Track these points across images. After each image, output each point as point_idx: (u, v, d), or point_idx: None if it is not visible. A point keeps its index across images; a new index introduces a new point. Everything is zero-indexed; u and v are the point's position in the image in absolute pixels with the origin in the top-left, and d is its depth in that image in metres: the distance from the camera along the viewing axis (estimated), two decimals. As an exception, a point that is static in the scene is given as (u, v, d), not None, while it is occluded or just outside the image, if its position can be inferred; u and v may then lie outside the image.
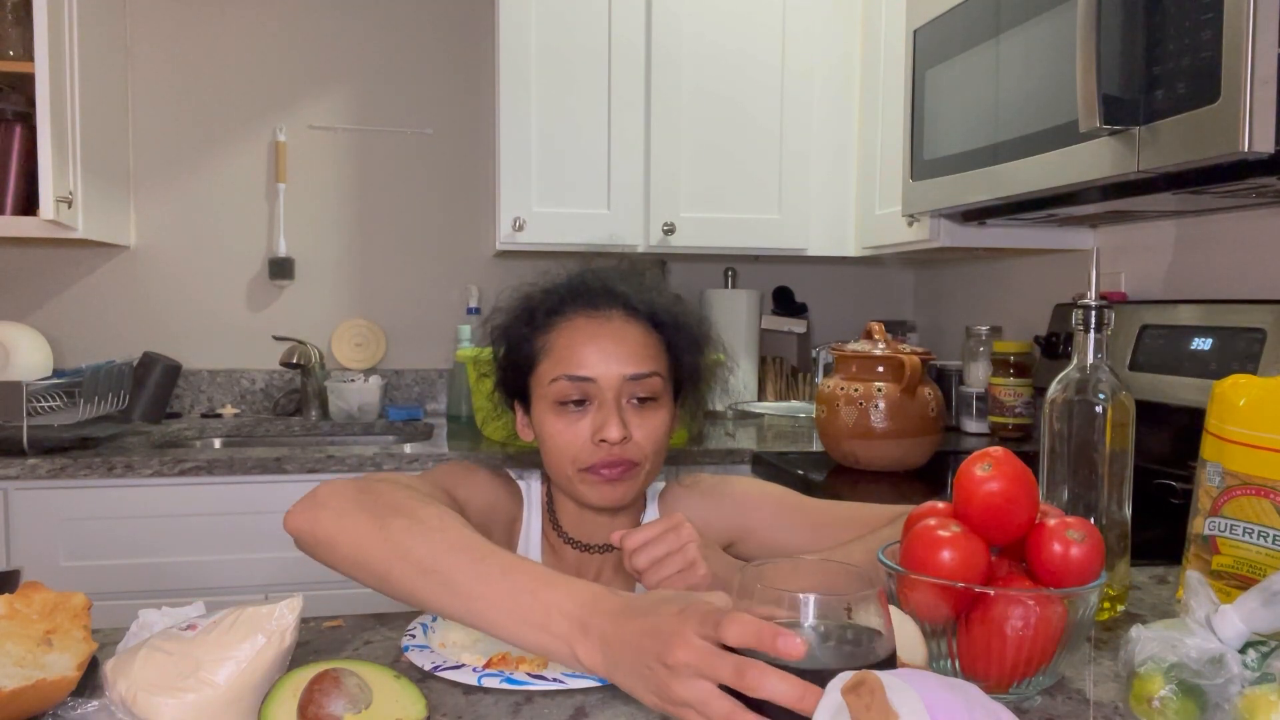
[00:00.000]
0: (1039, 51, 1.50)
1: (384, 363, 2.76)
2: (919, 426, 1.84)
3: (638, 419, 1.06)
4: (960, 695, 0.59)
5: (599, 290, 1.10)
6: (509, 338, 1.12)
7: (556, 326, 1.08)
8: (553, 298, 1.10)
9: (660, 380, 1.08)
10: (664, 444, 1.10)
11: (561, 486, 1.11)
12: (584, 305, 1.09)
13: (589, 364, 1.05)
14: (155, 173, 2.63)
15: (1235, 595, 0.75)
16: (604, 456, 1.04)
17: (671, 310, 1.12)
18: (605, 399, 1.05)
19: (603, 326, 1.07)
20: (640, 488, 1.09)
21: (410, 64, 2.74)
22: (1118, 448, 0.95)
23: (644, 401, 1.07)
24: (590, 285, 1.10)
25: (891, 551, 0.82)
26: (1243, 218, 1.69)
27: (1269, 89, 1.10)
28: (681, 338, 1.12)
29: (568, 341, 1.07)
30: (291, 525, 0.93)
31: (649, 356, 1.08)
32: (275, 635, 0.71)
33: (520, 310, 1.12)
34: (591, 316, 1.08)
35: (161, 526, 2.00)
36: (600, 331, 1.07)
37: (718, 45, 2.43)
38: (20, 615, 0.74)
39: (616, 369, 1.05)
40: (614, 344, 1.06)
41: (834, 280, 3.00)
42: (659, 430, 1.08)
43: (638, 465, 1.07)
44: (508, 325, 1.12)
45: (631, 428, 1.05)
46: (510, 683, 0.76)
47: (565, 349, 1.06)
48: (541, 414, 1.08)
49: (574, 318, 1.08)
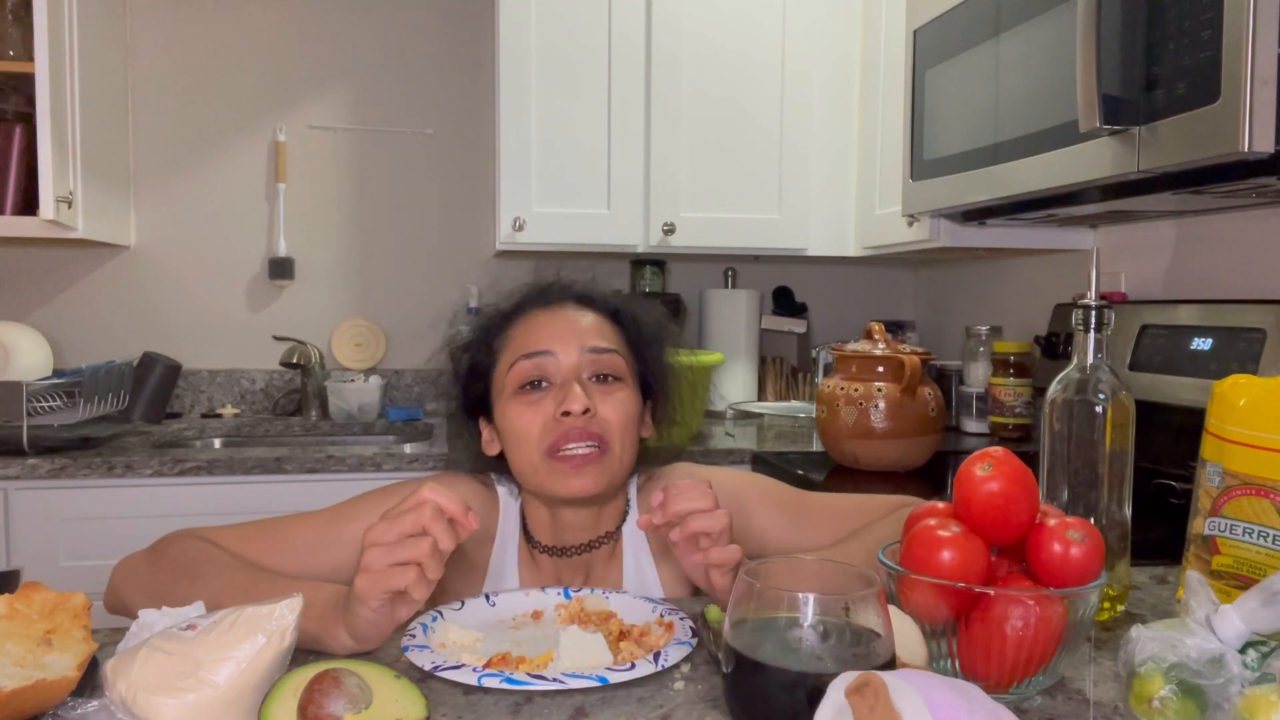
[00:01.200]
0: (1039, 51, 1.50)
1: (384, 363, 2.76)
2: (919, 426, 1.84)
3: (600, 394, 1.05)
4: (961, 696, 0.59)
5: (553, 288, 1.12)
6: (470, 351, 1.13)
7: (513, 326, 1.10)
8: (508, 302, 1.13)
9: (621, 360, 1.08)
10: (633, 430, 1.07)
11: (530, 484, 1.07)
12: (538, 303, 1.11)
13: (545, 341, 1.06)
14: (155, 173, 2.63)
15: (1235, 595, 0.75)
16: (568, 431, 1.01)
17: (628, 305, 1.13)
18: (565, 376, 1.04)
19: (557, 312, 1.09)
20: (612, 477, 1.05)
21: (410, 64, 2.74)
22: (1118, 448, 0.95)
23: (605, 379, 1.06)
24: (542, 283, 1.13)
25: (891, 551, 0.82)
26: (1243, 218, 1.69)
27: (1269, 89, 1.10)
28: (640, 331, 1.13)
29: (523, 329, 1.08)
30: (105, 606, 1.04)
31: (606, 336, 1.08)
32: (275, 635, 0.71)
33: (478, 325, 1.14)
34: (545, 309, 1.10)
35: (161, 526, 1.97)
36: (554, 315, 1.09)
37: (718, 45, 2.43)
38: (20, 615, 0.74)
39: (574, 342, 1.05)
40: (569, 324, 1.07)
41: (834, 280, 3.00)
42: (625, 408, 1.05)
43: (606, 445, 1.03)
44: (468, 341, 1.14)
45: (595, 402, 1.03)
46: (510, 683, 0.76)
47: (521, 337, 1.08)
48: (504, 409, 1.07)
49: (530, 313, 1.10)
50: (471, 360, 1.12)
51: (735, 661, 0.68)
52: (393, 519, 0.82)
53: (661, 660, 0.81)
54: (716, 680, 0.81)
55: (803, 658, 0.66)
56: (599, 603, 0.97)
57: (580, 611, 0.95)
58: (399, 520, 0.81)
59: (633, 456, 1.08)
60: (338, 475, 2.05)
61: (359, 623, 0.82)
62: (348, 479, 2.05)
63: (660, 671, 0.81)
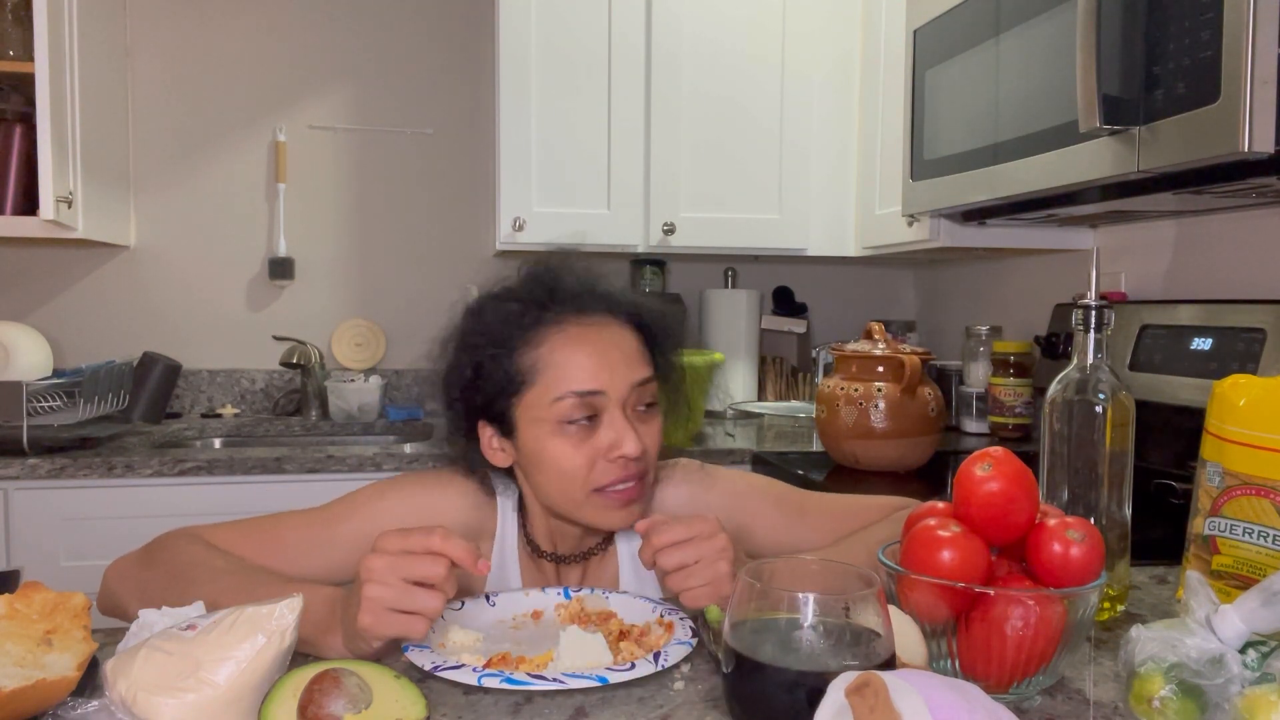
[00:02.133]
0: (1039, 51, 1.50)
1: (384, 363, 2.76)
2: (919, 426, 1.84)
3: (644, 427, 1.01)
4: (961, 696, 0.59)
5: (584, 293, 1.03)
6: (478, 358, 1.02)
7: (546, 339, 1.00)
8: (531, 308, 1.01)
9: (656, 385, 1.04)
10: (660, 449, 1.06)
11: (562, 511, 1.03)
12: (571, 309, 1.01)
13: (597, 377, 0.98)
14: (155, 173, 2.63)
15: (1235, 595, 0.75)
16: (620, 473, 0.98)
17: (651, 309, 1.07)
18: (614, 412, 0.98)
19: (598, 333, 1.00)
20: (647, 502, 1.05)
21: (410, 64, 2.74)
22: (1118, 448, 0.95)
23: (648, 408, 1.02)
24: (572, 287, 1.03)
25: (891, 551, 0.82)
26: (1243, 218, 1.69)
27: (1269, 89, 1.10)
28: (664, 338, 1.08)
29: (566, 355, 0.98)
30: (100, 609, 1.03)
31: (645, 360, 1.03)
32: (275, 635, 0.71)
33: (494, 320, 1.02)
34: (581, 323, 1.00)
35: (161, 526, 1.97)
36: (597, 339, 1.00)
37: (718, 45, 2.43)
38: (20, 615, 0.74)
39: (624, 377, 0.99)
40: (615, 351, 1.00)
41: (834, 280, 3.00)
42: (659, 434, 1.04)
43: (646, 477, 1.02)
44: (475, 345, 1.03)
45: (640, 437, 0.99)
46: (510, 683, 0.76)
47: (565, 363, 0.98)
48: (538, 437, 0.99)
49: (564, 325, 1.00)
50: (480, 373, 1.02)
51: (735, 661, 0.68)
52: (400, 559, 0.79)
53: (661, 660, 0.81)
54: (716, 680, 0.81)
55: (803, 658, 0.66)
56: (599, 603, 0.97)
57: (580, 611, 0.95)
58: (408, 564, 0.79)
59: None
60: (338, 475, 2.05)
61: (359, 646, 0.82)
62: (348, 479, 2.05)
63: (660, 671, 0.81)
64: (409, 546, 0.80)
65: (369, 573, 0.79)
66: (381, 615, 0.78)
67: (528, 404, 1.00)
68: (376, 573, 0.79)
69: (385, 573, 0.79)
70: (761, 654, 0.67)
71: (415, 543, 0.80)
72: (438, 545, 0.80)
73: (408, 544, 0.80)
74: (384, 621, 0.79)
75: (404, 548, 0.80)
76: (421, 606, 0.79)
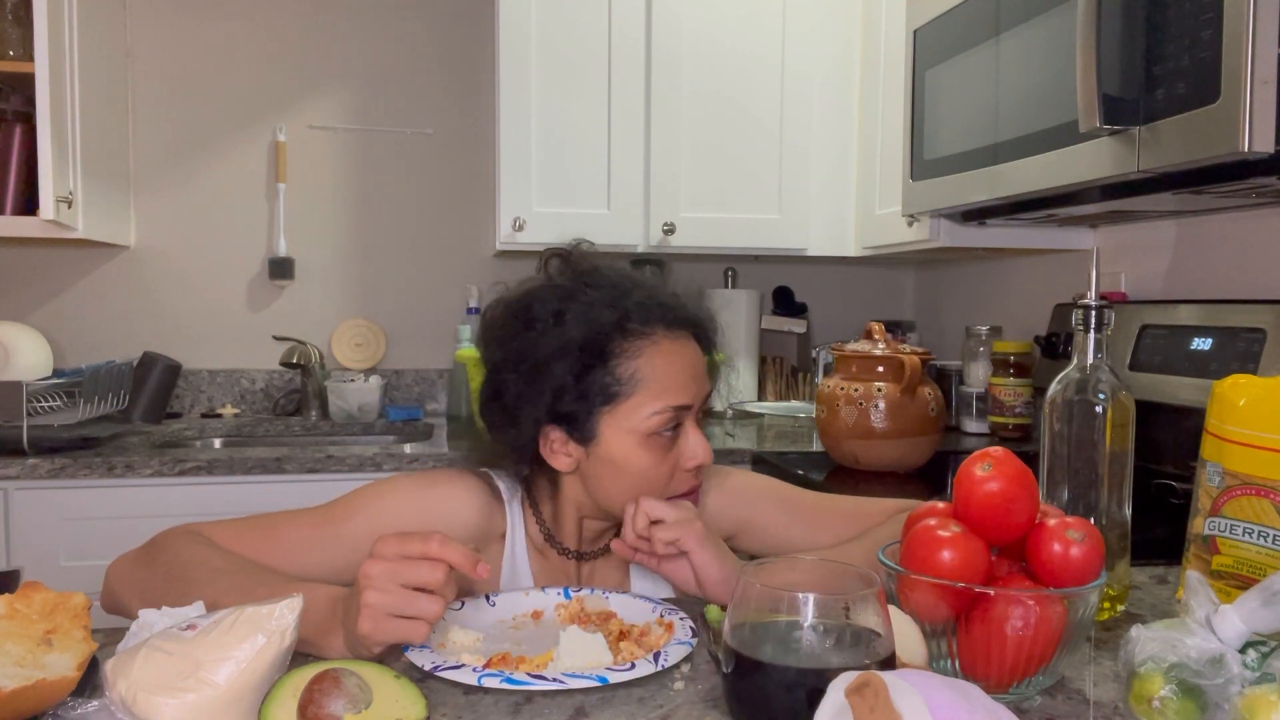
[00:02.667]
0: (1039, 51, 1.50)
1: (384, 363, 2.76)
2: (919, 426, 1.84)
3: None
4: (961, 696, 0.59)
5: (670, 307, 1.07)
6: (575, 367, 1.01)
7: (642, 352, 1.02)
8: (626, 320, 1.03)
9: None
10: None
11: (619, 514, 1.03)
12: (664, 325, 1.05)
13: (688, 391, 1.03)
14: (155, 173, 2.63)
15: (1235, 595, 0.75)
16: (693, 482, 1.05)
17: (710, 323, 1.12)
18: (690, 423, 1.04)
19: (684, 347, 1.06)
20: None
21: (410, 64, 2.74)
22: (1118, 448, 0.95)
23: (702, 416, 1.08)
24: (657, 300, 1.06)
25: (891, 551, 0.82)
26: (1243, 218, 1.69)
27: (1269, 89, 1.10)
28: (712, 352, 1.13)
29: (665, 370, 1.02)
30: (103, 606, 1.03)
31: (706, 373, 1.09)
32: (275, 635, 0.71)
33: (585, 336, 1.01)
34: (671, 337, 1.05)
35: (161, 527, 1.97)
36: (684, 352, 1.05)
37: (718, 45, 2.43)
38: (20, 615, 0.74)
39: (701, 391, 1.05)
40: (698, 365, 1.06)
41: (834, 280, 3.00)
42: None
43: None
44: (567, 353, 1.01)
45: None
46: (510, 683, 0.76)
47: (665, 378, 1.02)
48: (625, 446, 1.01)
49: (657, 339, 1.03)
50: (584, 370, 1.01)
51: (735, 661, 0.68)
52: (399, 563, 0.79)
53: (661, 660, 0.81)
54: (716, 680, 0.81)
55: (803, 658, 0.66)
56: (599, 603, 0.97)
57: (580, 611, 0.95)
58: (406, 570, 0.79)
59: None
60: (338, 475, 2.05)
61: (360, 650, 0.82)
62: (348, 479, 2.05)
63: (660, 671, 0.81)
64: (407, 552, 0.80)
65: (367, 579, 0.79)
66: (381, 621, 0.78)
67: (622, 412, 1.01)
68: (375, 579, 0.79)
69: (383, 579, 0.79)
70: (761, 654, 0.67)
71: (413, 548, 0.80)
72: (435, 550, 0.79)
73: (406, 549, 0.80)
74: (383, 628, 0.78)
75: (402, 553, 0.80)
76: (421, 611, 0.79)
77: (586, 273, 1.08)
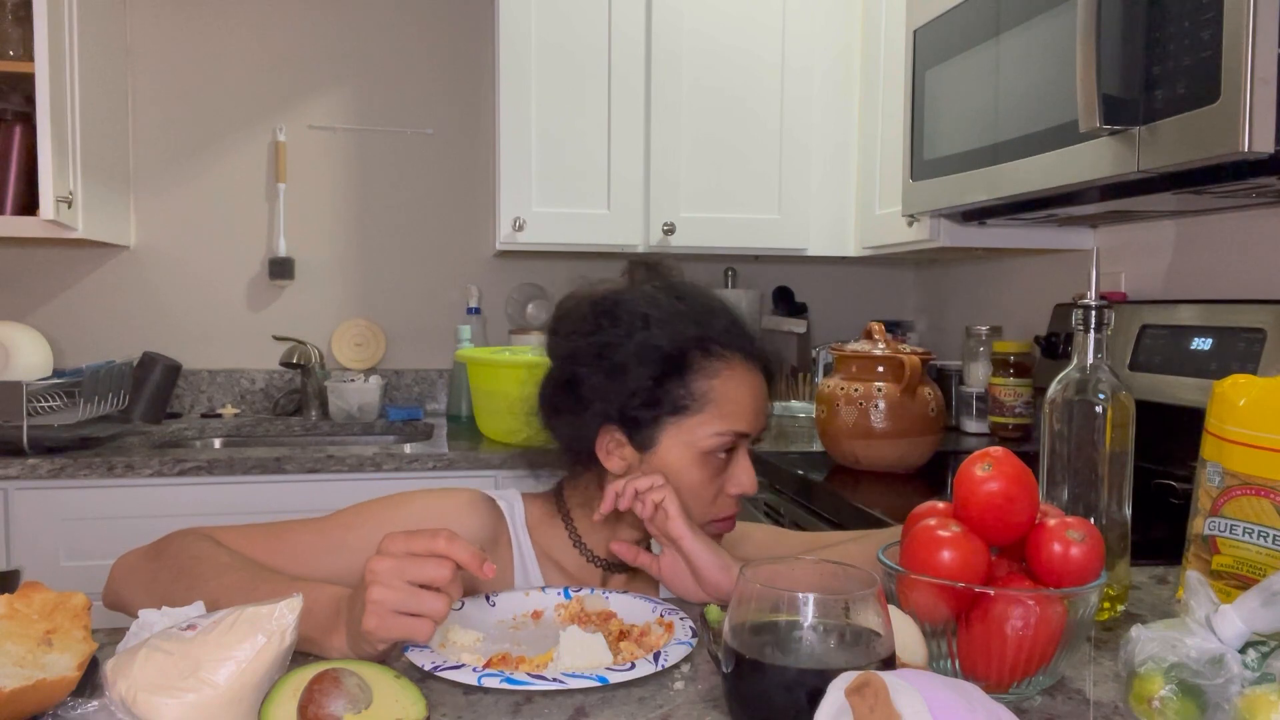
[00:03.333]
0: (1039, 51, 1.50)
1: (384, 363, 2.76)
2: (919, 426, 1.84)
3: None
4: (961, 696, 0.59)
5: (749, 334, 1.08)
6: (656, 370, 1.02)
7: (720, 372, 1.03)
8: (718, 338, 1.05)
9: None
10: None
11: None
12: (742, 354, 1.06)
13: (754, 422, 1.05)
14: (155, 173, 2.63)
15: (1235, 595, 0.75)
16: (734, 509, 1.07)
17: (775, 365, 1.12)
18: (744, 451, 1.06)
19: (755, 377, 1.07)
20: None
21: (410, 64, 2.74)
22: (1118, 448, 0.95)
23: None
24: (737, 324, 1.08)
25: (891, 551, 0.82)
26: (1243, 218, 1.69)
27: (1269, 89, 1.09)
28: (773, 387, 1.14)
29: (736, 395, 1.04)
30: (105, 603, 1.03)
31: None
32: (275, 635, 0.71)
33: (677, 346, 1.02)
34: (747, 364, 1.06)
35: (161, 526, 1.97)
36: (755, 384, 1.06)
37: (718, 44, 2.43)
38: (20, 615, 0.74)
39: (758, 424, 1.06)
40: (761, 399, 1.07)
41: (834, 280, 3.00)
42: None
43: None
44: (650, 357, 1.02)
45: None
46: (510, 683, 0.76)
47: (735, 403, 1.03)
48: (681, 458, 1.03)
49: (733, 362, 1.05)
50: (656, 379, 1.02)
51: (735, 661, 0.68)
52: (405, 560, 0.79)
53: (661, 660, 0.81)
54: (716, 680, 0.81)
55: (803, 658, 0.66)
56: (599, 603, 0.97)
57: (580, 611, 0.95)
58: (413, 566, 0.79)
59: None
60: (338, 475, 2.05)
61: (363, 648, 0.82)
62: (348, 479, 2.05)
63: (660, 671, 0.81)
64: (414, 549, 0.80)
65: (373, 575, 0.79)
66: (386, 618, 0.78)
67: (686, 426, 1.03)
68: (381, 575, 0.79)
69: (390, 575, 0.78)
70: (761, 654, 0.67)
71: (420, 545, 0.80)
72: (442, 547, 0.79)
73: (413, 546, 0.80)
74: (389, 624, 0.78)
75: (409, 550, 0.80)
76: (427, 609, 0.78)
77: (675, 285, 1.09)
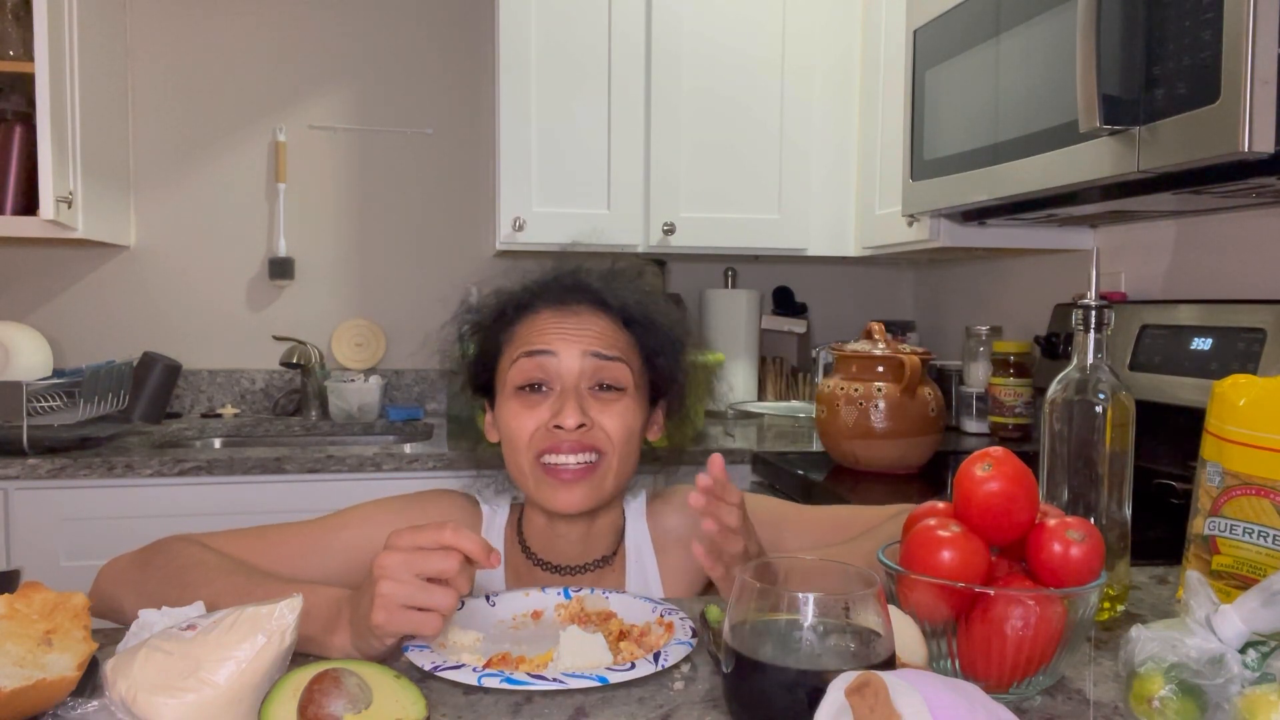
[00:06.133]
0: (1039, 51, 1.50)
1: (384, 363, 2.76)
2: (919, 426, 1.84)
3: (600, 406, 1.03)
4: (962, 696, 0.59)
5: (569, 286, 1.08)
6: (480, 334, 1.11)
7: (524, 317, 1.08)
8: (525, 294, 1.09)
9: (628, 371, 1.05)
10: (634, 441, 1.05)
11: (523, 489, 1.07)
12: (553, 301, 1.07)
13: (550, 340, 1.04)
14: (155, 173, 2.63)
15: (1235, 595, 0.75)
16: (560, 440, 1.01)
17: (644, 308, 1.08)
18: (566, 383, 1.03)
19: (568, 316, 1.06)
20: (607, 491, 1.04)
21: (410, 64, 2.74)
22: (1118, 448, 0.95)
23: (608, 389, 1.04)
24: (561, 281, 1.09)
25: (891, 551, 0.82)
26: (1243, 218, 1.69)
27: (1269, 89, 1.10)
28: (654, 337, 1.09)
29: (531, 327, 1.06)
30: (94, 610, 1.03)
31: (615, 344, 1.05)
32: (275, 635, 0.71)
33: (491, 308, 1.11)
34: (558, 310, 1.07)
35: (161, 526, 1.97)
36: (565, 319, 1.06)
37: (718, 45, 2.43)
38: (20, 615, 0.74)
39: (578, 345, 1.03)
40: (577, 328, 1.05)
41: (834, 280, 3.00)
42: (625, 419, 1.03)
43: (603, 457, 1.03)
44: (479, 322, 1.12)
45: (593, 414, 1.02)
46: (510, 683, 0.76)
47: (528, 333, 1.06)
48: (502, 405, 1.06)
49: (541, 310, 1.07)
50: (481, 344, 1.11)
51: (735, 661, 0.68)
52: (413, 554, 0.79)
53: (661, 660, 0.81)
54: (716, 680, 0.81)
55: (803, 658, 0.66)
56: (599, 603, 0.97)
57: (580, 611, 0.95)
58: (421, 560, 0.79)
59: (631, 468, 1.07)
60: (338, 475, 2.05)
61: (369, 646, 0.81)
62: (348, 479, 2.05)
63: (660, 671, 0.81)
64: (421, 542, 0.80)
65: (382, 569, 0.79)
66: (395, 612, 0.78)
67: (499, 374, 1.08)
68: (390, 569, 0.79)
69: (399, 569, 0.78)
70: (761, 654, 0.67)
71: (427, 538, 0.80)
72: (449, 539, 0.79)
73: (420, 539, 0.80)
74: (398, 618, 0.78)
75: (416, 543, 0.80)
76: (436, 603, 0.78)
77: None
